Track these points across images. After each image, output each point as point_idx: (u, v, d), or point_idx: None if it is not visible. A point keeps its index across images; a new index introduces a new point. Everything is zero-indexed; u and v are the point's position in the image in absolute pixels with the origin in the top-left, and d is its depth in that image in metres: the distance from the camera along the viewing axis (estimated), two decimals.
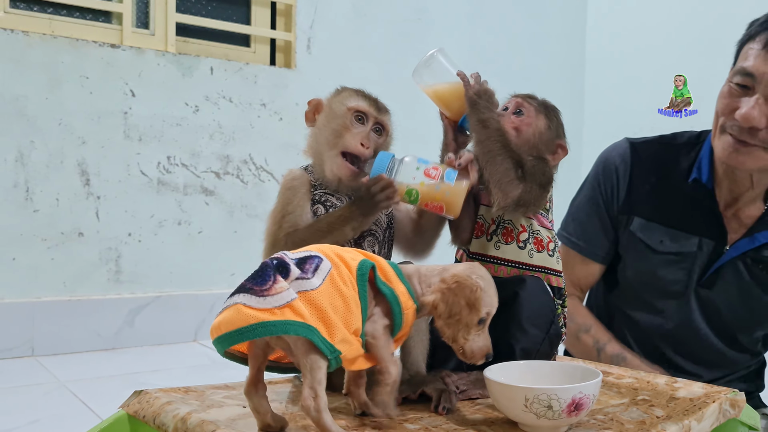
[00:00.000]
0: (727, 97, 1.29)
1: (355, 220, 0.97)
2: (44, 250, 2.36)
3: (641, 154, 1.46)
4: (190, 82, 2.63)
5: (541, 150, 1.07)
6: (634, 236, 1.43)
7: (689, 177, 1.39)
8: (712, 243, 1.37)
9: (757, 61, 1.24)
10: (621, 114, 3.57)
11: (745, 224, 1.38)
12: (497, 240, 1.05)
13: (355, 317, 0.78)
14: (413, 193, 0.98)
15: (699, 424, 0.91)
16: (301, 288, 0.76)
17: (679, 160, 1.43)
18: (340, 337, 0.76)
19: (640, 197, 1.43)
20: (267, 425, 0.80)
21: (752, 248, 1.36)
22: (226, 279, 2.73)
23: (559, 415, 0.80)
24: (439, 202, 0.98)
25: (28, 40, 2.33)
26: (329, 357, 0.74)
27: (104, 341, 2.43)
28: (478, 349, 0.85)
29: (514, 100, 1.09)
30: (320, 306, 0.76)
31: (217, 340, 0.76)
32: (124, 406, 0.93)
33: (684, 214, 1.39)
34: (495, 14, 3.56)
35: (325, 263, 0.79)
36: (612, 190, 1.45)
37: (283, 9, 2.96)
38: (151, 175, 2.56)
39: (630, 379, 1.11)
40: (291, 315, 0.74)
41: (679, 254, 1.39)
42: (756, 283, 1.37)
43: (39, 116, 2.34)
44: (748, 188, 1.36)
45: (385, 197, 0.96)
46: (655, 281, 1.41)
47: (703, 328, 1.41)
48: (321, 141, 1.05)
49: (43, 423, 1.65)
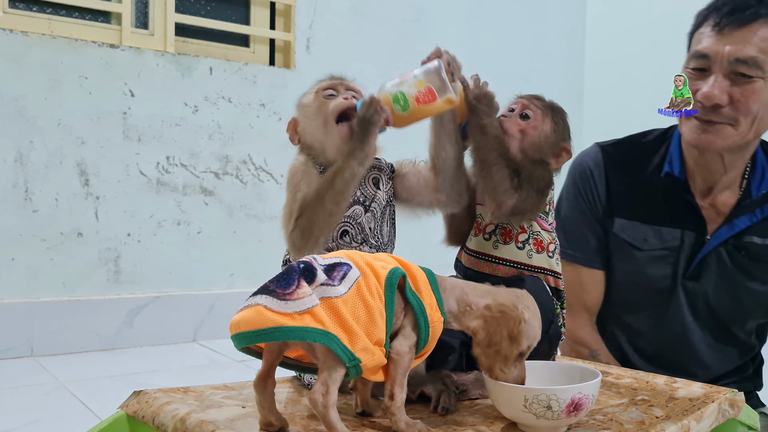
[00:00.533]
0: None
1: (356, 150, 0.97)
2: (43, 251, 2.36)
3: (612, 155, 1.47)
4: (189, 83, 2.63)
5: (545, 153, 1.06)
6: (617, 238, 1.43)
7: (662, 172, 1.41)
8: (693, 234, 1.38)
9: (709, 42, 1.27)
10: (620, 114, 3.57)
11: (722, 212, 1.39)
12: (496, 239, 1.05)
13: (379, 329, 0.77)
14: (399, 97, 0.98)
15: (698, 424, 0.91)
16: (326, 294, 0.76)
17: (650, 157, 1.44)
18: (361, 346, 0.75)
19: (618, 198, 1.44)
20: (269, 423, 0.80)
21: (732, 235, 1.37)
22: (226, 279, 2.73)
23: (559, 415, 0.80)
24: (425, 86, 0.97)
25: (27, 40, 2.33)
26: (348, 365, 0.74)
27: (103, 341, 2.43)
28: (513, 381, 0.83)
29: (520, 101, 1.08)
30: (342, 314, 0.75)
31: (235, 337, 0.76)
32: (123, 407, 0.93)
33: (663, 209, 1.40)
34: (494, 15, 3.56)
35: (354, 272, 0.79)
36: (592, 194, 1.46)
37: (283, 9, 2.96)
38: (150, 176, 2.56)
39: (629, 379, 1.11)
40: (311, 321, 0.74)
41: (664, 249, 1.40)
42: (739, 270, 1.38)
43: (38, 116, 2.34)
44: (722, 174, 1.37)
45: (373, 111, 0.97)
46: (644, 280, 1.42)
47: (692, 323, 1.42)
48: (313, 131, 1.05)
49: (42, 423, 1.65)
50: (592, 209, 1.46)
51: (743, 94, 1.25)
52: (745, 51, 1.24)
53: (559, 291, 1.06)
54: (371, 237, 1.03)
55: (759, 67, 1.24)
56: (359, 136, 0.97)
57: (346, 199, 0.97)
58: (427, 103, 0.98)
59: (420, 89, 0.97)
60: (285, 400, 0.97)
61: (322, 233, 0.97)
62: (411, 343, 0.81)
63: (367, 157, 0.98)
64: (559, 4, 3.86)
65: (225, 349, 2.42)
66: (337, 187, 0.96)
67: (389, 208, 1.07)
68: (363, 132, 0.97)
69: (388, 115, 0.98)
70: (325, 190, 0.96)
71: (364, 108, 0.98)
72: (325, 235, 0.97)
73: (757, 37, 1.24)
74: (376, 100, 0.98)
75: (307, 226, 0.96)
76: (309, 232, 0.96)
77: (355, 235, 1.02)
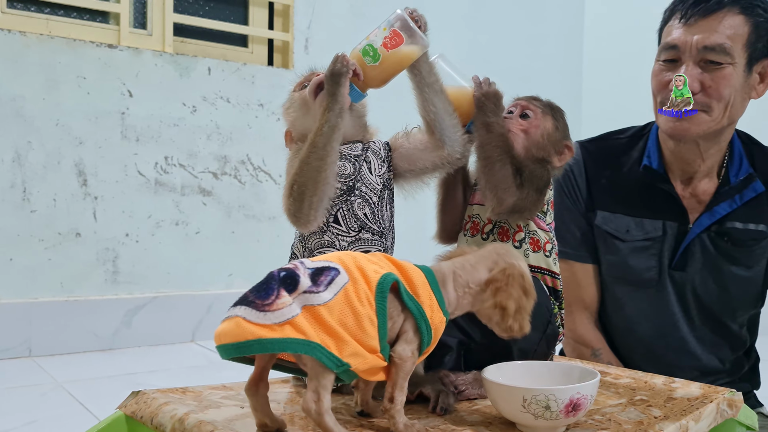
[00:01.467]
0: (659, 74, 1.37)
1: (330, 103, 0.97)
2: (41, 251, 2.35)
3: (591, 151, 1.50)
4: (187, 83, 2.63)
5: (548, 151, 1.07)
6: (600, 230, 1.46)
7: (640, 166, 1.44)
8: (676, 224, 1.41)
9: (678, 32, 1.33)
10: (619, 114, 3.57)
11: (703, 201, 1.42)
12: (493, 239, 1.05)
13: (368, 336, 0.77)
14: (368, 49, 0.99)
15: (696, 424, 0.91)
16: (309, 302, 0.75)
17: (628, 152, 1.48)
18: (350, 351, 0.75)
19: (599, 192, 1.47)
20: (264, 425, 0.80)
21: (714, 222, 1.39)
22: (224, 279, 2.73)
23: (557, 415, 0.80)
24: (389, 31, 0.99)
25: (25, 40, 2.33)
26: (337, 371, 0.74)
27: (101, 342, 2.43)
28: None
29: (519, 103, 1.09)
30: (327, 321, 0.74)
31: (219, 348, 0.75)
32: (121, 407, 0.93)
33: (643, 201, 1.43)
34: (493, 15, 3.56)
35: (342, 277, 0.78)
36: (573, 189, 1.49)
37: (281, 9, 2.96)
38: (148, 176, 2.56)
39: (628, 379, 1.12)
40: (291, 332, 0.73)
41: (646, 240, 1.42)
42: (723, 256, 1.40)
43: (36, 117, 2.34)
44: (700, 163, 1.40)
45: (340, 64, 0.97)
46: (627, 272, 1.43)
47: (681, 316, 1.43)
48: (300, 121, 1.07)
49: (40, 424, 1.65)
50: (575, 204, 1.48)
51: (714, 80, 1.30)
52: (712, 39, 1.29)
53: (557, 291, 1.06)
54: (372, 222, 1.02)
55: (727, 53, 1.29)
56: (330, 90, 0.98)
57: (330, 153, 0.97)
58: (396, 46, 0.99)
59: (386, 35, 0.99)
60: (284, 401, 0.96)
61: (315, 193, 0.96)
62: (413, 347, 0.80)
63: (343, 108, 0.98)
64: (557, 5, 3.86)
65: None
66: (319, 143, 0.96)
67: (387, 192, 1.06)
68: (333, 84, 0.98)
69: (356, 67, 0.99)
70: (310, 149, 0.96)
71: (331, 64, 0.98)
72: (318, 195, 0.96)
73: (723, 25, 1.30)
74: (342, 54, 0.98)
75: (298, 190, 0.96)
76: (302, 196, 0.95)
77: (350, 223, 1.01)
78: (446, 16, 3.37)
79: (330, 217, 1.01)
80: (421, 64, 1.02)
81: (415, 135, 1.08)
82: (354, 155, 1.04)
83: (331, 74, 0.98)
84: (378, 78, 1.01)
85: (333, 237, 1.00)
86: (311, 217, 0.96)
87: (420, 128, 1.07)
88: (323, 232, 1.00)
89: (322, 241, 1.01)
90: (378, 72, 1.00)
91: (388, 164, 1.07)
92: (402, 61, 1.00)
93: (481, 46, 3.46)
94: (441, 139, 1.04)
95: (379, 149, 1.07)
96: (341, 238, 1.00)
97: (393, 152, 1.08)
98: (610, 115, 3.68)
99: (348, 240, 1.01)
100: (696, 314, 1.43)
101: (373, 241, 1.02)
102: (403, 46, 0.99)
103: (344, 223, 1.01)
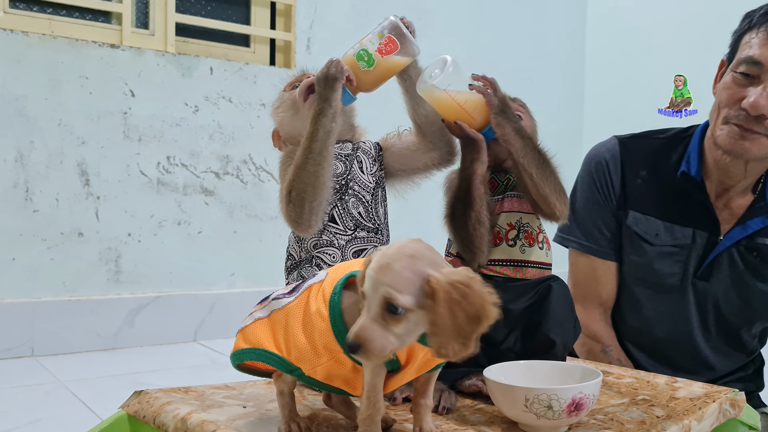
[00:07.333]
0: (732, 87, 1.29)
1: (323, 108, 0.98)
2: (44, 251, 2.36)
3: (630, 149, 1.47)
4: (189, 83, 2.63)
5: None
6: (630, 230, 1.43)
7: (678, 170, 1.40)
8: (706, 234, 1.39)
9: (763, 50, 1.24)
10: (621, 114, 3.57)
11: (736, 214, 1.39)
12: (522, 244, 1.05)
13: (318, 331, 0.73)
14: (363, 54, 1.01)
15: (699, 424, 0.91)
16: (273, 308, 0.77)
17: (667, 154, 1.44)
18: (295, 356, 0.74)
19: (633, 191, 1.44)
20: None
21: (745, 236, 1.37)
22: (226, 279, 2.73)
23: (559, 415, 0.80)
24: (385, 37, 1.01)
25: (27, 40, 2.33)
26: (291, 374, 0.75)
27: (104, 341, 2.43)
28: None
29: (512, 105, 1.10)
30: (278, 326, 0.76)
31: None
32: (124, 406, 0.93)
33: (676, 207, 1.41)
34: (495, 14, 3.56)
35: (314, 279, 0.79)
36: (606, 185, 1.46)
37: (283, 9, 2.96)
38: (150, 176, 2.56)
39: (630, 378, 1.11)
40: (241, 343, 0.75)
41: (675, 246, 1.40)
42: (749, 270, 1.38)
43: (39, 116, 2.34)
44: (741, 179, 1.37)
45: (335, 69, 0.99)
46: (650, 275, 1.42)
47: (698, 325, 1.42)
48: (289, 122, 1.09)
49: (43, 423, 1.65)
50: (606, 200, 1.46)
51: None
52: None
53: None
54: (367, 221, 1.03)
55: None
56: (323, 94, 0.98)
57: (326, 158, 0.98)
58: (390, 53, 1.01)
59: (381, 41, 1.01)
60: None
61: (315, 198, 0.96)
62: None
63: (336, 112, 0.99)
64: (559, 4, 3.85)
65: (225, 349, 2.42)
66: (315, 148, 0.97)
67: (380, 190, 1.07)
68: (326, 88, 0.98)
69: (350, 73, 1.00)
70: (306, 155, 0.97)
71: (324, 68, 0.99)
72: (318, 200, 0.97)
73: None
74: (336, 59, 1.00)
75: (297, 197, 0.96)
76: (301, 202, 0.96)
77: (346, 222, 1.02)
78: (449, 15, 3.37)
79: (326, 216, 1.02)
80: (410, 70, 1.05)
81: (406, 136, 1.10)
82: (344, 154, 1.06)
83: (325, 78, 0.99)
84: (370, 82, 1.03)
85: (331, 236, 1.01)
86: (312, 221, 0.97)
87: (411, 130, 1.09)
88: (321, 232, 1.01)
89: (320, 240, 1.01)
90: (371, 76, 1.02)
91: (379, 163, 1.08)
92: (395, 66, 1.03)
93: (483, 45, 3.46)
94: (431, 142, 1.07)
95: (369, 149, 1.08)
96: (339, 237, 1.01)
97: (385, 151, 1.10)
98: (612, 115, 3.68)
99: (345, 238, 1.02)
100: (713, 324, 1.42)
101: (369, 239, 1.03)
102: (397, 53, 1.01)
103: (341, 222, 1.02)
